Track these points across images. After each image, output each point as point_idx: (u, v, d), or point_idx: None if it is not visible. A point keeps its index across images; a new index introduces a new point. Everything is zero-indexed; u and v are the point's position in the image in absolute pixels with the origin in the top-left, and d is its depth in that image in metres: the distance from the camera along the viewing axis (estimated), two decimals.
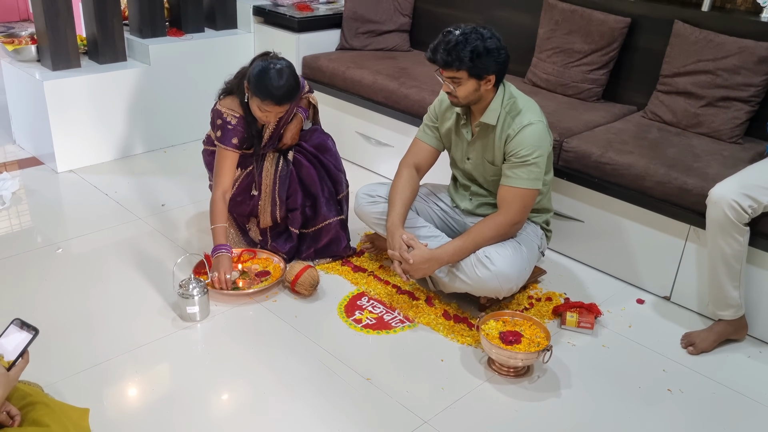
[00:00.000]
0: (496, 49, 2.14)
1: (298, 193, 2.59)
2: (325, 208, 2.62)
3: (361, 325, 2.35)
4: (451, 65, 2.12)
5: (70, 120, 3.35)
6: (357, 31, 3.85)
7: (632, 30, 3.02)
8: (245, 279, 2.51)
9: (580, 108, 3.02)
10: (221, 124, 2.46)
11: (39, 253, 2.69)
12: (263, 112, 2.39)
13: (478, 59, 2.11)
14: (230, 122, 2.45)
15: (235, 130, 2.45)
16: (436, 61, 2.16)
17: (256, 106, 2.38)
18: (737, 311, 2.26)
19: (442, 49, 2.13)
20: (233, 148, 2.47)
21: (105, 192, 3.22)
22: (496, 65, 2.15)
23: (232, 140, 2.46)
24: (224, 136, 2.45)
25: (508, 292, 2.27)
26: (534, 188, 2.23)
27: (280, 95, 2.32)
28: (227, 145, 2.46)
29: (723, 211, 2.13)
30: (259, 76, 2.31)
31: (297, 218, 2.61)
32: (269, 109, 2.36)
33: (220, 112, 2.47)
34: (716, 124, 2.71)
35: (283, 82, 2.31)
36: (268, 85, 2.30)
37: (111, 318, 2.32)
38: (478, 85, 2.17)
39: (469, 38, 2.10)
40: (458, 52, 2.10)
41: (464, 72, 2.13)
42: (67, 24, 3.30)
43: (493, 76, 2.16)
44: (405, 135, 3.26)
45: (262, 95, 2.32)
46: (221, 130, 2.46)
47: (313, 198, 2.62)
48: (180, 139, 3.83)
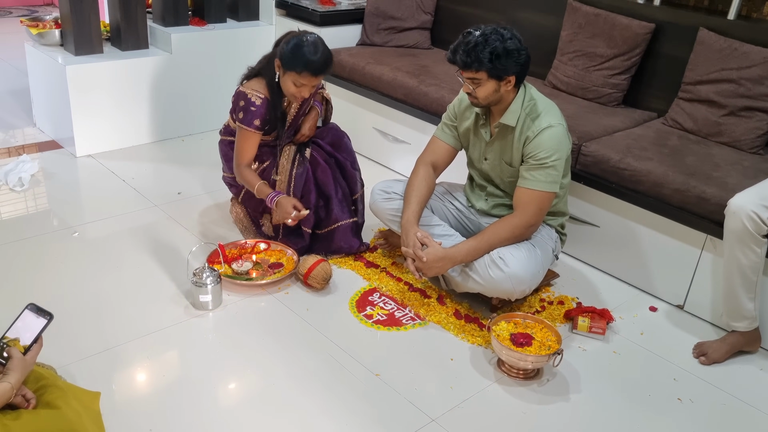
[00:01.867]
0: (516, 50, 2.13)
1: (312, 192, 2.60)
2: (337, 209, 2.62)
3: (371, 321, 2.35)
4: (471, 66, 2.12)
5: (90, 105, 3.37)
6: (378, 27, 3.85)
7: (656, 36, 3.00)
8: (258, 270, 2.52)
9: (600, 112, 3.00)
10: (244, 105, 2.46)
11: (55, 236, 2.71)
12: (299, 87, 2.39)
13: (498, 60, 2.10)
14: (254, 103, 2.45)
15: (258, 112, 2.46)
16: (456, 62, 2.16)
17: (291, 82, 2.39)
18: (751, 323, 2.24)
19: (461, 50, 2.12)
20: (255, 130, 2.48)
21: (122, 178, 3.24)
22: (516, 66, 2.14)
23: (254, 121, 2.46)
24: (246, 117, 2.46)
25: (520, 294, 2.26)
26: (551, 191, 2.22)
27: (317, 66, 2.34)
28: (249, 126, 2.46)
29: (741, 221, 2.11)
30: (295, 50, 2.34)
31: (310, 218, 2.60)
32: (305, 81, 2.37)
33: (244, 93, 2.47)
34: (737, 134, 2.69)
35: (319, 53, 2.34)
36: (305, 57, 2.32)
37: (124, 303, 2.34)
38: (498, 86, 2.16)
39: (488, 39, 2.10)
40: (477, 53, 2.09)
41: (484, 73, 2.13)
42: (92, 10, 3.32)
43: (514, 77, 2.16)
44: (422, 133, 3.26)
45: (300, 67, 2.33)
46: (243, 111, 2.46)
47: (326, 198, 2.62)
48: (198, 129, 3.84)
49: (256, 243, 2.64)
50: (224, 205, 3.03)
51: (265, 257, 2.61)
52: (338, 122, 2.88)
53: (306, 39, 2.36)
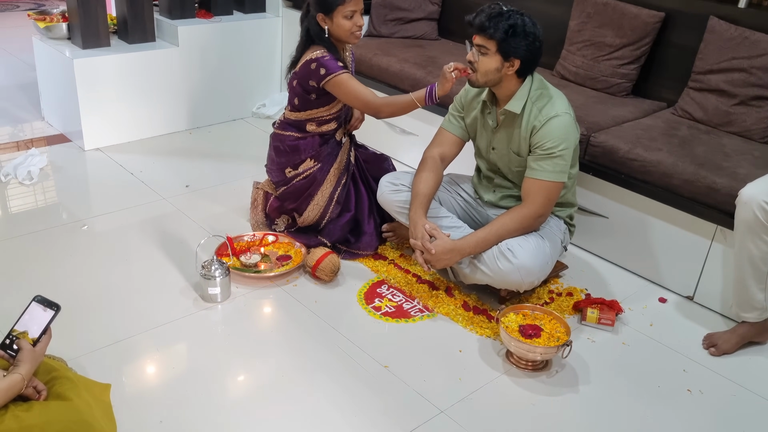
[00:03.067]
0: (533, 35, 2.13)
1: (350, 212, 2.64)
2: (367, 239, 2.66)
3: (380, 313, 2.35)
4: (486, 30, 2.12)
5: (98, 98, 3.38)
6: (385, 18, 3.83)
7: (665, 25, 2.97)
8: (267, 262, 2.53)
9: (608, 102, 2.98)
10: (317, 64, 2.42)
11: (64, 229, 2.73)
12: (350, 19, 2.40)
13: (512, 37, 2.10)
14: (323, 56, 2.43)
15: (331, 59, 2.43)
16: (473, 23, 2.16)
17: (340, 17, 2.39)
18: (762, 314, 2.23)
19: (484, 13, 2.14)
20: (344, 69, 2.44)
21: (130, 171, 3.25)
22: (526, 51, 2.13)
23: (337, 63, 2.43)
24: (327, 67, 2.41)
25: (529, 286, 2.25)
26: (559, 181, 2.21)
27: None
28: (337, 70, 2.42)
29: (753, 211, 2.10)
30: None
31: (336, 233, 2.63)
32: (352, 6, 2.38)
33: (309, 59, 2.44)
34: (748, 124, 2.66)
35: None
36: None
37: (134, 296, 2.35)
38: (501, 64, 2.15)
39: (512, 15, 2.12)
40: (498, 21, 2.10)
41: (494, 43, 2.12)
42: (99, 3, 3.33)
43: (518, 61, 2.15)
44: (430, 124, 3.25)
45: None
46: (323, 65, 2.41)
47: (356, 223, 2.67)
48: (205, 121, 3.84)
49: (264, 235, 2.65)
50: (233, 197, 3.03)
51: (273, 249, 2.61)
52: None
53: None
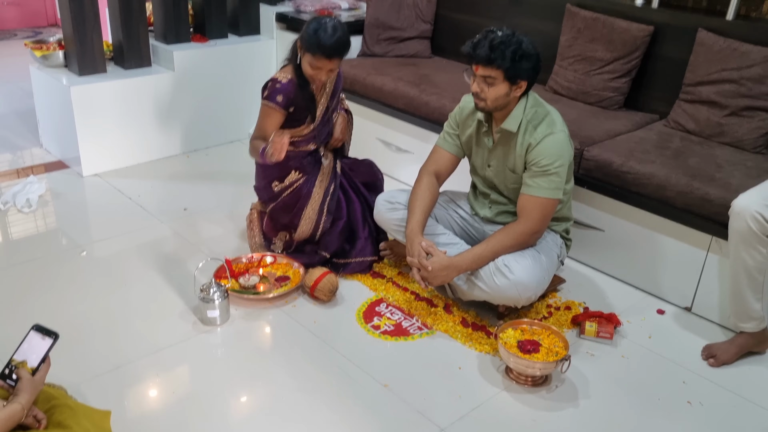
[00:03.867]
0: (536, 56, 2.15)
1: (342, 220, 2.65)
2: (361, 245, 2.67)
3: (379, 332, 2.36)
4: (493, 62, 2.11)
5: (95, 124, 3.40)
6: (378, 37, 3.87)
7: (655, 38, 3.00)
8: (265, 283, 2.54)
9: (601, 116, 3.00)
10: (270, 84, 2.48)
11: (63, 256, 2.74)
12: (314, 70, 2.42)
13: (519, 62, 2.11)
14: (280, 81, 2.47)
15: (282, 89, 2.46)
16: (476, 57, 2.14)
17: (307, 63, 2.42)
18: (759, 323, 2.24)
19: (486, 45, 2.11)
20: (276, 105, 2.47)
21: (129, 196, 3.26)
22: (531, 72, 2.15)
23: (277, 97, 2.46)
24: (271, 93, 2.47)
25: (526, 301, 2.26)
26: (554, 198, 2.23)
27: (330, 49, 2.36)
28: (272, 101, 2.46)
29: (746, 222, 2.11)
30: (312, 32, 2.37)
31: (333, 243, 2.65)
32: (320, 64, 2.39)
33: (274, 77, 2.50)
34: (740, 134, 2.69)
35: (334, 37, 2.36)
36: (320, 39, 2.35)
37: (133, 321, 2.35)
38: (510, 89, 2.16)
39: (512, 40, 2.12)
40: (502, 50, 2.09)
41: (501, 72, 2.13)
42: (94, 30, 3.36)
43: (525, 83, 2.17)
44: (425, 142, 3.27)
45: (313, 48, 2.36)
46: (269, 89, 2.47)
47: (351, 232, 2.68)
48: (203, 144, 3.87)
49: (262, 257, 2.66)
50: (229, 219, 3.05)
51: (272, 270, 2.62)
52: None
53: (325, 21, 2.38)
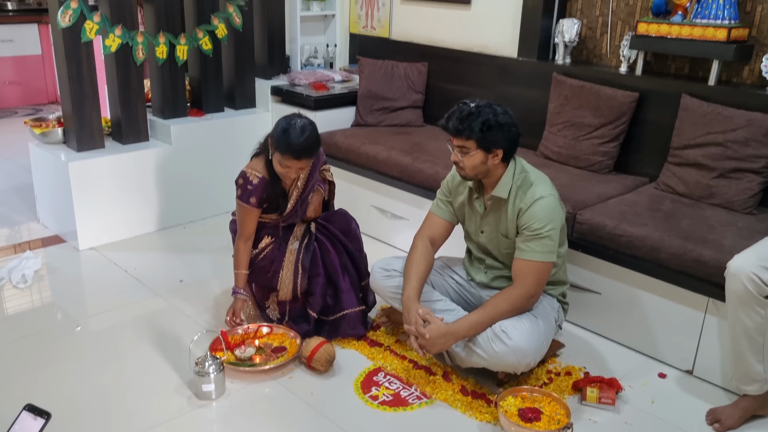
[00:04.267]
0: (507, 124, 2.20)
1: (320, 276, 2.63)
2: (346, 297, 2.65)
3: (377, 402, 2.32)
4: (462, 133, 2.19)
5: (93, 199, 3.44)
6: (371, 108, 3.96)
7: (640, 104, 3.09)
8: (261, 354, 2.51)
9: (592, 180, 3.05)
10: (242, 183, 2.55)
11: (58, 332, 2.71)
12: (284, 168, 2.47)
13: (489, 131, 2.17)
14: (251, 182, 2.53)
15: (255, 190, 2.53)
16: (448, 129, 2.23)
17: (277, 162, 2.47)
18: (762, 386, 2.20)
19: (455, 117, 2.21)
20: (250, 206, 2.55)
21: (125, 269, 3.26)
22: (505, 140, 2.20)
23: (250, 199, 2.54)
24: (244, 194, 2.55)
25: (526, 367, 2.24)
26: (548, 261, 2.24)
27: (299, 150, 2.41)
28: (246, 203, 2.55)
29: (742, 284, 2.11)
30: (281, 132, 2.42)
31: (317, 302, 2.63)
32: (289, 164, 2.44)
33: (245, 173, 2.56)
34: (729, 195, 2.72)
35: (303, 137, 2.41)
36: (288, 140, 2.40)
37: (127, 397, 2.31)
38: (486, 157, 2.22)
39: (482, 111, 2.18)
40: (470, 122, 2.17)
41: (473, 142, 2.19)
42: (93, 108, 3.44)
43: (501, 151, 2.21)
44: (420, 208, 3.30)
45: (282, 149, 2.41)
46: (242, 188, 2.55)
47: (334, 286, 2.66)
48: (199, 215, 3.90)
49: (258, 327, 2.64)
50: (226, 290, 3.03)
51: (268, 341, 2.60)
52: (337, 201, 2.93)
53: (294, 122, 2.44)
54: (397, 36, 4.30)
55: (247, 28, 3.99)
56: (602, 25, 3.42)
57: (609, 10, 3.37)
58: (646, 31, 3.04)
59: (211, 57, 3.88)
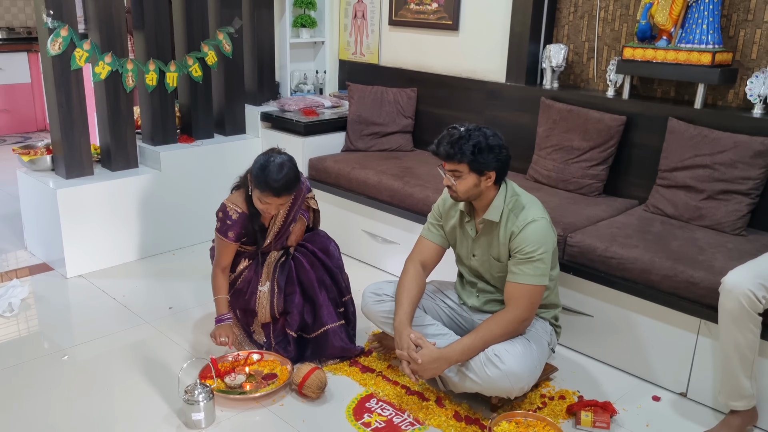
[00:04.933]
0: (498, 146, 2.21)
1: (296, 293, 2.61)
2: (325, 313, 2.62)
3: (370, 429, 2.29)
4: (453, 157, 2.20)
5: (81, 226, 3.41)
6: (361, 133, 3.97)
7: (628, 127, 3.11)
8: (252, 382, 2.47)
9: (582, 203, 3.06)
10: (222, 217, 2.55)
11: (45, 361, 2.67)
12: (264, 204, 2.47)
13: (480, 154, 2.18)
14: (231, 216, 2.53)
15: (234, 225, 2.54)
16: (439, 154, 2.24)
17: (257, 198, 2.48)
18: (750, 401, 2.21)
19: (446, 141, 2.22)
20: (228, 240, 2.56)
21: (113, 296, 3.23)
22: (496, 162, 2.21)
23: (228, 233, 2.54)
24: (222, 227, 2.55)
25: (519, 392, 2.22)
26: (540, 284, 2.23)
27: (278, 187, 2.41)
28: (224, 236, 2.56)
29: (738, 300, 2.11)
30: (260, 169, 2.43)
31: (295, 320, 2.61)
32: (269, 200, 2.45)
33: (225, 206, 2.56)
34: (718, 217, 2.74)
35: (281, 175, 2.41)
36: (267, 178, 2.40)
37: (116, 427, 2.27)
38: (479, 180, 2.22)
39: (472, 134, 2.20)
40: (461, 145, 2.18)
41: (465, 165, 2.20)
42: (82, 135, 3.43)
43: (494, 173, 2.22)
44: (410, 232, 3.30)
45: (262, 187, 2.42)
46: (221, 222, 2.56)
47: (312, 302, 2.63)
48: (189, 242, 3.88)
49: (248, 354, 2.61)
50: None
51: (259, 368, 2.56)
52: (327, 227, 2.92)
53: (273, 159, 2.43)
54: (386, 62, 4.33)
55: (236, 54, 4.01)
56: (589, 50, 3.47)
57: (595, 35, 3.42)
58: (632, 55, 3.08)
59: (201, 83, 3.89)
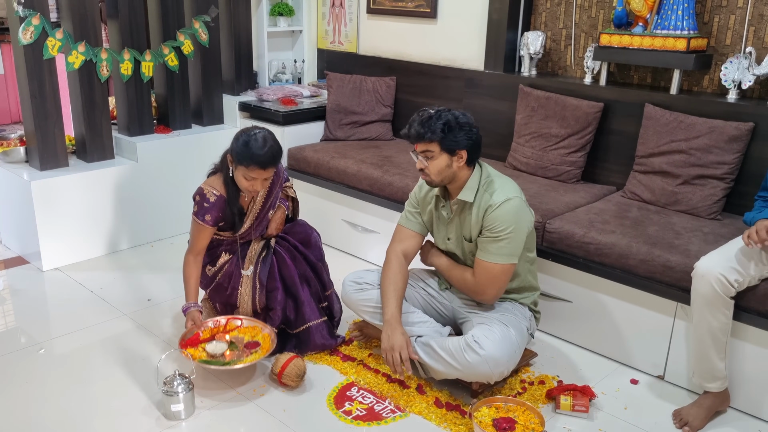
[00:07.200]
0: (468, 124, 2.23)
1: (278, 290, 2.58)
2: (308, 309, 2.60)
3: (351, 417, 2.29)
4: (424, 137, 2.21)
5: (56, 218, 3.36)
6: (340, 122, 3.96)
7: (605, 114, 3.13)
8: (234, 350, 2.44)
9: (560, 189, 3.08)
10: (199, 201, 2.51)
11: (21, 355, 2.63)
12: (249, 181, 2.43)
13: (450, 132, 2.19)
14: (208, 199, 2.49)
15: (211, 209, 2.49)
16: (410, 135, 2.25)
17: (241, 176, 2.43)
18: (723, 383, 2.25)
19: (416, 123, 2.23)
20: (205, 224, 2.51)
21: (90, 289, 3.19)
22: (467, 141, 2.22)
23: (205, 216, 2.50)
24: (199, 211, 2.51)
25: (499, 377, 2.23)
26: (505, 263, 2.25)
27: (264, 160, 2.39)
28: (200, 219, 2.51)
29: (710, 284, 2.14)
30: (243, 145, 2.40)
31: (277, 316, 2.58)
32: (255, 175, 2.41)
33: (201, 189, 2.53)
34: (694, 202, 2.77)
35: (266, 147, 2.40)
36: (252, 151, 2.38)
37: (94, 420, 2.25)
38: (450, 160, 2.23)
39: (442, 114, 2.22)
40: (431, 124, 2.20)
41: (436, 145, 2.20)
42: (56, 125, 3.37)
43: (465, 152, 2.23)
44: (390, 221, 3.29)
45: (247, 162, 2.39)
46: (198, 205, 2.51)
47: (294, 298, 2.61)
48: (167, 233, 3.84)
49: (228, 320, 2.56)
50: None
51: (239, 335, 2.53)
52: (307, 217, 2.91)
53: (254, 134, 2.42)
54: (364, 51, 4.31)
55: (213, 44, 3.97)
56: (566, 37, 3.48)
57: (572, 22, 3.42)
58: (608, 42, 3.10)
59: (178, 73, 3.84)
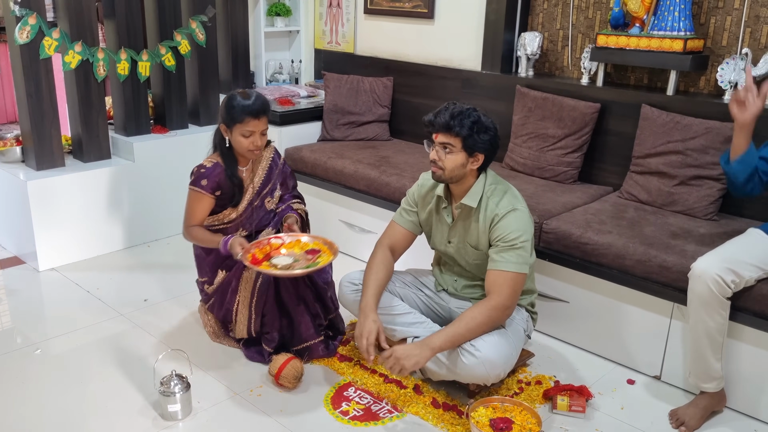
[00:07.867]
0: (494, 129, 2.23)
1: (274, 313, 2.52)
2: (303, 330, 2.54)
3: (348, 417, 2.29)
4: (452, 129, 2.17)
5: (53, 218, 3.35)
6: (338, 122, 3.96)
7: (602, 114, 3.14)
8: (301, 259, 2.42)
9: (557, 190, 3.08)
10: (196, 170, 2.51)
11: (17, 355, 2.63)
12: (249, 137, 2.44)
13: (477, 133, 2.18)
14: (205, 166, 2.50)
15: (207, 173, 2.49)
16: (436, 123, 2.21)
17: (239, 135, 2.44)
18: (720, 383, 2.26)
19: (447, 113, 2.19)
20: (202, 190, 2.49)
21: (87, 289, 3.18)
22: (489, 146, 2.21)
23: (202, 181, 2.49)
24: (197, 179, 2.50)
25: (495, 378, 2.23)
26: (522, 272, 2.23)
27: (255, 108, 2.43)
28: (197, 186, 2.49)
29: (707, 285, 2.15)
30: (229, 102, 2.44)
31: (273, 338, 2.55)
32: (251, 127, 2.43)
33: (200, 164, 2.54)
34: (690, 202, 2.77)
35: (252, 97, 2.44)
36: (241, 104, 2.42)
37: (90, 421, 2.24)
38: (467, 160, 2.22)
39: (471, 113, 2.20)
40: (461, 119, 2.17)
41: (459, 140, 2.18)
42: (53, 125, 3.37)
43: (482, 156, 2.22)
44: (387, 221, 3.27)
45: (239, 116, 2.41)
46: (195, 174, 2.51)
47: (289, 318, 2.55)
48: (164, 233, 3.83)
49: (269, 240, 2.50)
50: (191, 308, 2.98)
51: (294, 250, 2.49)
52: None
53: (237, 92, 2.47)
54: (361, 51, 4.31)
55: (210, 44, 3.96)
56: (563, 38, 3.48)
57: (569, 23, 3.43)
58: (605, 43, 3.10)
59: (175, 73, 3.83)
